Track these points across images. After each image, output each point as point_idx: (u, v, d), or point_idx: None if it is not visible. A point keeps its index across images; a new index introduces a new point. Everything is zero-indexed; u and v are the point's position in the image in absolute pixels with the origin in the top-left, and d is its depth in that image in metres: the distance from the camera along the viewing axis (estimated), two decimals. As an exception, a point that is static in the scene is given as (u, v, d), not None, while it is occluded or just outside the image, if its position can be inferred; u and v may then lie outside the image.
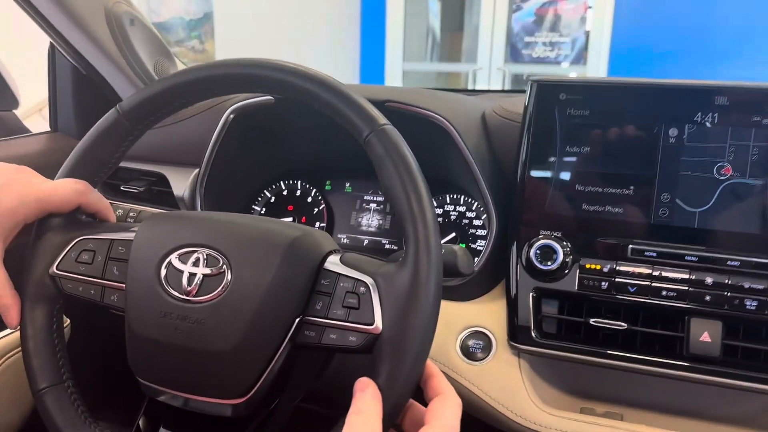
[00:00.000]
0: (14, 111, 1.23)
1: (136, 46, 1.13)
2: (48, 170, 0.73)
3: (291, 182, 1.21)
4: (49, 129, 1.24)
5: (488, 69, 5.21)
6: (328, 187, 1.20)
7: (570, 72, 5.01)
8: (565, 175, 0.88)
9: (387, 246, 1.15)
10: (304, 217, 1.19)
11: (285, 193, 1.21)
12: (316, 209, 1.19)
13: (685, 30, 4.18)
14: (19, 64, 1.25)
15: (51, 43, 1.15)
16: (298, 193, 1.20)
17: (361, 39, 5.20)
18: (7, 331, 0.96)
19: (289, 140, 1.16)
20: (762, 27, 3.92)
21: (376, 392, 0.58)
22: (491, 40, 5.28)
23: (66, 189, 0.70)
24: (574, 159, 0.88)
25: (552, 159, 0.89)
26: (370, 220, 1.17)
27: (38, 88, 1.26)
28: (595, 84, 0.88)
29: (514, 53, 5.44)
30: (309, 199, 1.20)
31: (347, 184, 1.19)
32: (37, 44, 1.20)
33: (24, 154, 1.11)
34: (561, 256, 0.86)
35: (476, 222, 1.07)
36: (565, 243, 0.87)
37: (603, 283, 0.86)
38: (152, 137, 1.11)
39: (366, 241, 1.16)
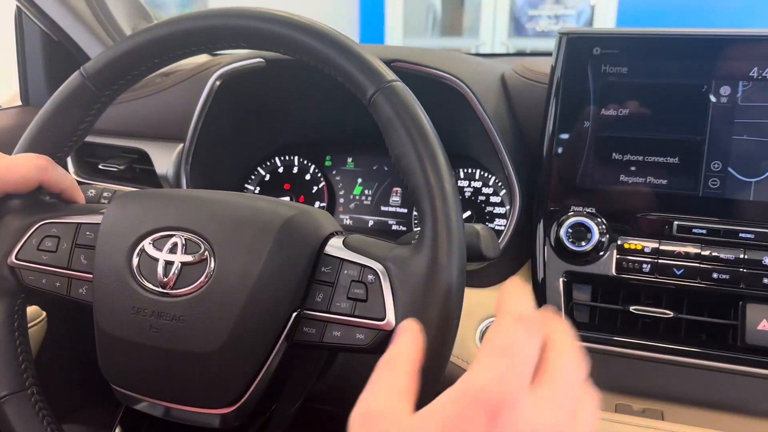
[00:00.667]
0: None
1: (111, 8, 1.03)
2: None
3: (287, 158, 1.10)
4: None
5: (491, 44, 5.10)
6: (328, 163, 1.10)
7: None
8: (600, 142, 0.78)
9: (395, 227, 1.05)
10: (302, 197, 1.09)
11: (281, 170, 1.11)
12: (315, 187, 1.09)
13: (694, 2, 4.05)
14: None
15: (17, 5, 1.04)
16: (296, 170, 1.10)
17: (360, 14, 5.10)
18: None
19: (283, 110, 1.06)
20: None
21: (417, 337, 0.47)
22: (494, 14, 5.18)
23: (25, 165, 0.62)
24: (610, 123, 0.78)
25: (584, 124, 0.78)
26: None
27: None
28: (635, 36, 0.77)
29: (517, 27, 5.35)
30: (307, 177, 1.10)
31: (349, 160, 1.09)
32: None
33: (-9, 129, 1.01)
34: (596, 236, 0.76)
35: (494, 199, 0.97)
36: (599, 220, 0.77)
37: (644, 265, 0.76)
38: (130, 109, 1.03)
39: (371, 222, 1.06)
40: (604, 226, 0.77)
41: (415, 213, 1.02)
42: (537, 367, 0.38)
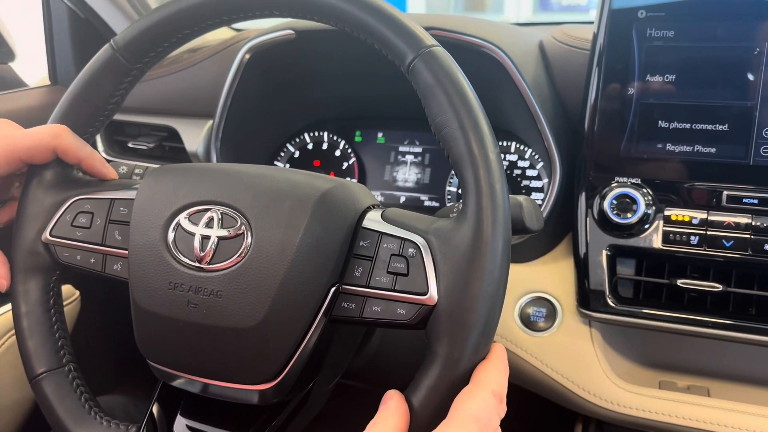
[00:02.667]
0: (11, 64, 1.12)
1: (138, -18, 1.01)
2: None
3: (317, 134, 1.09)
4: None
5: (516, 19, 5.03)
6: (358, 139, 1.07)
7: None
8: (646, 110, 0.75)
9: (427, 203, 1.03)
10: (332, 173, 1.07)
11: (310, 146, 1.09)
12: (345, 164, 1.07)
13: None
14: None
15: (43, -17, 1.03)
16: (325, 146, 1.08)
17: (382, -9, 5.05)
18: (9, 306, 0.87)
19: (312, 84, 1.04)
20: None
21: (400, 405, 0.50)
22: (518, -12, 5.10)
23: (38, 131, 0.60)
24: (655, 90, 0.74)
25: (629, 91, 0.75)
26: (407, 174, 1.04)
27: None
28: (683, -3, 0.73)
29: (542, 2, 5.26)
30: (337, 153, 1.08)
31: (380, 135, 1.07)
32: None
33: (21, 108, 1.01)
34: (642, 207, 0.73)
35: (530, 172, 0.94)
36: (645, 191, 0.74)
37: (692, 237, 0.73)
38: (159, 86, 1.01)
39: (403, 198, 1.04)
40: (649, 197, 0.74)
41: (448, 188, 1.00)
42: None
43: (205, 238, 0.53)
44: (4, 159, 0.59)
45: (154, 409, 0.69)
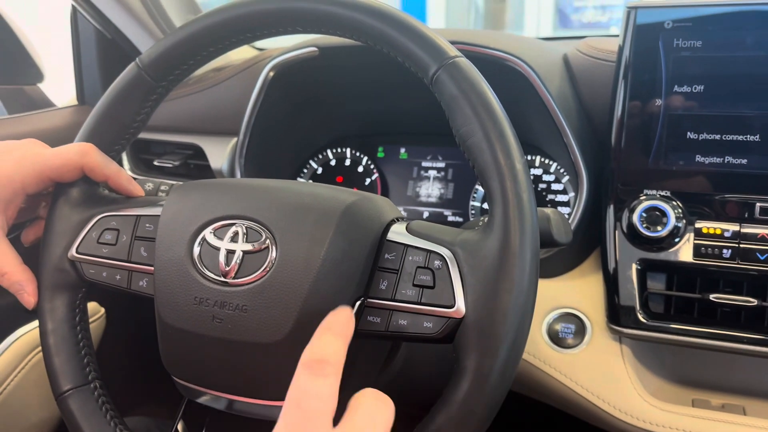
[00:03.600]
0: (39, 85, 1.14)
1: (164, 4, 1.02)
2: None
3: (339, 150, 1.09)
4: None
5: (536, 36, 5.03)
6: (380, 155, 1.07)
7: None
8: (674, 121, 0.74)
9: (450, 218, 1.02)
10: (355, 188, 1.07)
11: (333, 162, 1.09)
12: (368, 179, 1.07)
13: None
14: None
15: (72, 5, 1.05)
16: (348, 162, 1.08)
17: (402, 8, 5.08)
18: (37, 322, 0.88)
19: (335, 101, 1.04)
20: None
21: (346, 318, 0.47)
22: (538, 5, 5.10)
23: (66, 150, 0.61)
24: (684, 101, 0.73)
25: (657, 102, 0.74)
26: (430, 190, 1.04)
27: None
28: (710, 7, 0.72)
29: (562, 19, 5.26)
30: (360, 169, 1.07)
31: (402, 150, 1.06)
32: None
33: (49, 128, 1.02)
34: (672, 220, 0.72)
35: (555, 186, 0.93)
36: (675, 203, 0.73)
37: (725, 251, 0.71)
38: (184, 105, 1.02)
39: (426, 214, 1.03)
40: (680, 210, 0.73)
41: (472, 203, 0.99)
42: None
43: (230, 253, 0.53)
44: (33, 178, 0.60)
45: (179, 427, 0.69)
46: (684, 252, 0.73)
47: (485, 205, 0.98)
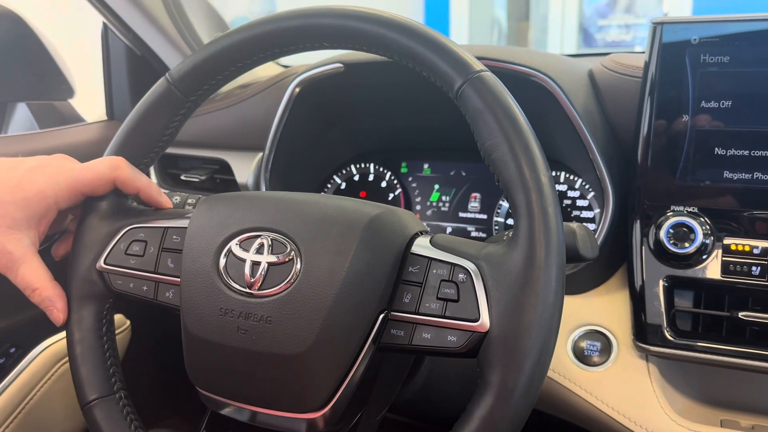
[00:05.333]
0: (69, 101, 1.17)
1: (193, 21, 1.04)
2: None
3: (363, 165, 1.09)
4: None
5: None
6: (403, 170, 1.08)
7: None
8: (701, 137, 0.73)
9: (474, 234, 1.02)
10: (378, 204, 1.07)
11: (356, 178, 1.10)
12: (391, 194, 1.07)
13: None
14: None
15: (104, 23, 1.07)
16: (371, 177, 1.09)
17: (426, 29, 5.13)
18: (63, 333, 0.89)
19: (359, 116, 1.05)
20: None
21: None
22: (562, 25, 5.10)
23: (98, 164, 0.63)
24: (711, 116, 0.72)
25: (683, 118, 0.73)
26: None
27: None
28: (737, 22, 0.71)
29: (586, 38, 5.25)
30: (383, 184, 1.08)
31: (425, 165, 1.07)
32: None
33: (78, 142, 1.04)
34: (700, 237, 0.71)
35: (581, 202, 0.92)
36: (702, 219, 0.72)
37: (754, 268, 0.70)
38: (211, 121, 1.04)
39: (449, 230, 1.03)
40: (707, 227, 0.72)
41: (495, 219, 0.99)
42: None
43: (256, 264, 0.54)
44: (66, 193, 0.61)
45: (202, 438, 0.69)
46: (712, 269, 0.72)
47: (509, 221, 0.98)
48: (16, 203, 0.59)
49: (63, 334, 0.88)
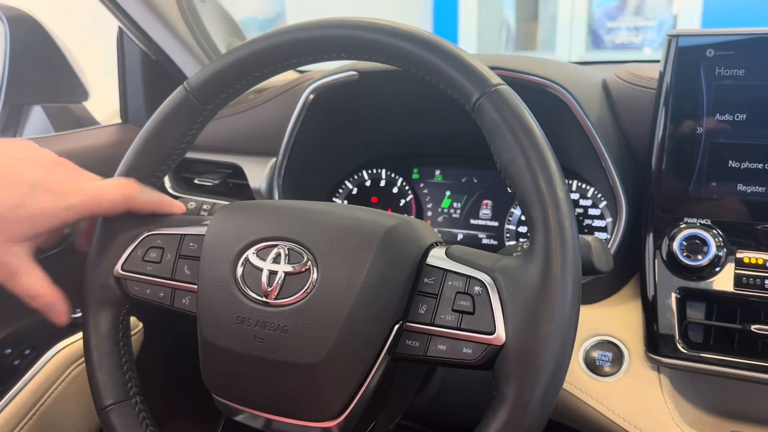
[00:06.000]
0: (84, 103, 1.17)
1: (208, 27, 1.05)
2: (118, 163, 0.67)
3: (374, 171, 1.10)
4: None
5: (567, 58, 5.00)
6: (415, 176, 1.08)
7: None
8: (715, 150, 0.73)
9: (485, 241, 1.02)
10: (389, 210, 1.08)
11: (368, 183, 1.10)
12: (403, 200, 1.07)
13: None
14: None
15: (119, 27, 1.08)
16: (383, 183, 1.09)
17: (434, 30, 5.13)
18: (78, 335, 0.90)
19: (373, 123, 1.05)
20: None
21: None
22: (571, 26, 5.08)
23: (111, 192, 0.62)
24: (726, 129, 0.73)
25: (698, 130, 0.73)
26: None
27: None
28: (753, 36, 0.71)
29: (595, 40, 5.22)
30: (395, 190, 1.08)
31: (437, 172, 1.07)
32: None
33: (93, 145, 1.05)
34: (713, 249, 0.71)
35: (593, 211, 0.92)
36: (715, 232, 0.72)
37: (767, 281, 0.70)
38: (225, 125, 1.04)
39: (460, 236, 1.03)
40: (720, 239, 0.72)
41: (507, 226, 0.99)
42: None
43: (273, 273, 0.54)
44: (76, 215, 0.61)
45: (216, 443, 0.69)
46: (724, 281, 0.72)
47: (520, 229, 0.98)
48: (20, 221, 0.58)
49: (77, 336, 0.90)
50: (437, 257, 0.55)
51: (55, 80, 1.11)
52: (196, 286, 0.59)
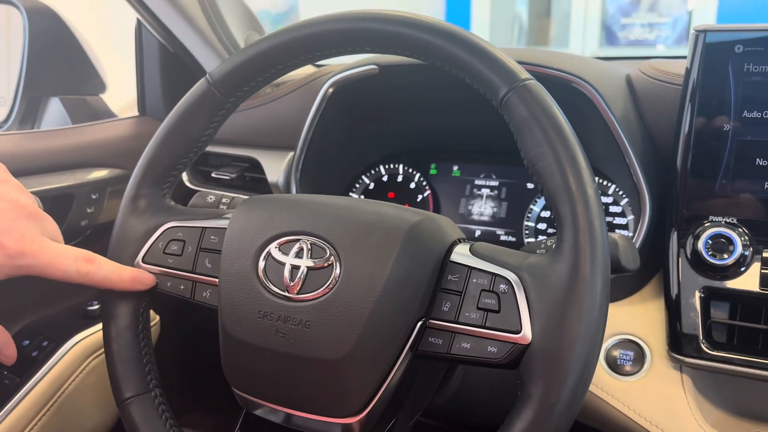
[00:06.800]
0: (101, 96, 1.17)
1: (227, 20, 1.05)
2: (135, 156, 0.67)
3: (392, 166, 1.09)
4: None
5: (581, 53, 4.98)
6: (433, 171, 1.07)
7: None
8: (742, 147, 0.72)
9: (503, 237, 1.01)
10: (407, 204, 1.07)
11: (385, 178, 1.09)
12: (420, 196, 1.07)
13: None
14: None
15: (137, 19, 1.08)
16: (400, 178, 1.09)
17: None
18: (95, 327, 0.90)
19: (391, 117, 1.05)
20: None
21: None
22: (584, 22, 5.05)
23: (66, 265, 0.58)
24: (753, 126, 0.71)
25: (725, 127, 0.72)
26: (483, 208, 1.03)
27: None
28: (783, 31, 0.70)
29: (609, 36, 5.19)
30: (412, 185, 1.08)
31: (455, 168, 1.06)
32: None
33: (111, 138, 1.05)
34: (739, 248, 0.70)
35: (614, 209, 0.91)
36: (741, 231, 0.71)
37: (794, 281, 0.69)
38: (243, 119, 1.04)
39: (478, 232, 1.03)
40: (746, 238, 0.71)
41: (526, 223, 0.98)
42: None
43: (295, 268, 0.54)
44: (30, 273, 0.58)
45: (236, 437, 0.69)
46: (750, 281, 0.71)
47: (539, 225, 0.97)
48: None
49: (95, 328, 0.90)
50: (462, 254, 0.54)
51: (72, 72, 1.11)
52: (217, 280, 0.58)
